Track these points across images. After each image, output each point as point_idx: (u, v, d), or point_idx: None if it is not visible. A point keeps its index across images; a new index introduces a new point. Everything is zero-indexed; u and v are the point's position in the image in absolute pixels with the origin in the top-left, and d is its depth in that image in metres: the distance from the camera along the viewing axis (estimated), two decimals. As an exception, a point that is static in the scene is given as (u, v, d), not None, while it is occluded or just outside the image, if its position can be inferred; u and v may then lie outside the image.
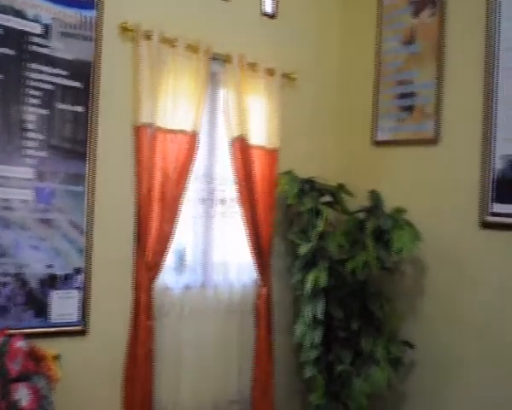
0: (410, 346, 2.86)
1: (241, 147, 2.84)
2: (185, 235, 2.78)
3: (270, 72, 2.99)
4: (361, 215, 2.92)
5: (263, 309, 2.95)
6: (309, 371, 2.87)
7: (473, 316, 2.69)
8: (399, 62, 3.01)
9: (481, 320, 2.65)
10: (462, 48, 2.78)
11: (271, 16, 3.08)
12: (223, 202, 2.90)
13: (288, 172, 2.97)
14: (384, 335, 2.80)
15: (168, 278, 2.71)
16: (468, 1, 2.76)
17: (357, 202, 3.03)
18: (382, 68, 3.10)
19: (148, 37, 2.55)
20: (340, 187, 3.01)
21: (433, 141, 2.85)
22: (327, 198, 3.00)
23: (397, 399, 2.97)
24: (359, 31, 3.29)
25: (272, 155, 2.98)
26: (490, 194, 2.59)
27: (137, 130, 2.55)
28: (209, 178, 2.87)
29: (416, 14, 2.94)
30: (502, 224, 2.55)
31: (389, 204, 2.92)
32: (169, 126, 2.61)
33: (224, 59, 2.82)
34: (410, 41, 2.97)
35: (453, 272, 2.77)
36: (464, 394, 2.70)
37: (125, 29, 2.53)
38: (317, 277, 2.74)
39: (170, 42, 2.61)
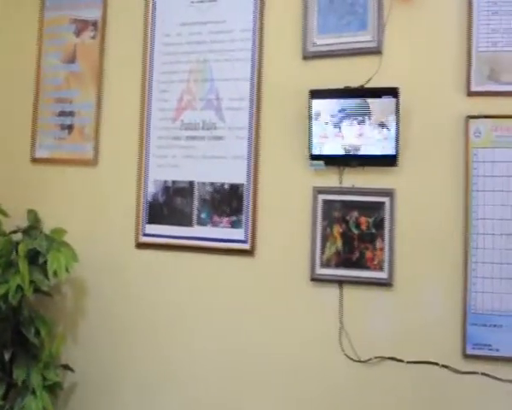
0: (70, 369, 2.81)
1: None
2: None
3: None
4: (17, 236, 2.74)
5: None
6: (-49, 415, 2.54)
7: (130, 332, 2.79)
8: (60, 80, 2.94)
9: (139, 336, 2.77)
10: (120, 74, 2.87)
11: None
12: None
13: None
14: (40, 361, 2.67)
15: None
16: (126, 32, 2.87)
17: (16, 222, 2.84)
18: (43, 84, 2.97)
19: None
20: (-7, 206, 2.77)
21: (92, 162, 2.87)
22: (-23, 219, 2.72)
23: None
24: (20, 41, 3.08)
25: None
26: (143, 216, 2.75)
27: None
28: None
29: (78, 33, 2.92)
30: (153, 243, 2.72)
31: (50, 225, 2.83)
32: None
33: None
34: (71, 59, 2.93)
35: (113, 291, 2.83)
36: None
37: None
38: (-42, 307, 2.45)
39: None
